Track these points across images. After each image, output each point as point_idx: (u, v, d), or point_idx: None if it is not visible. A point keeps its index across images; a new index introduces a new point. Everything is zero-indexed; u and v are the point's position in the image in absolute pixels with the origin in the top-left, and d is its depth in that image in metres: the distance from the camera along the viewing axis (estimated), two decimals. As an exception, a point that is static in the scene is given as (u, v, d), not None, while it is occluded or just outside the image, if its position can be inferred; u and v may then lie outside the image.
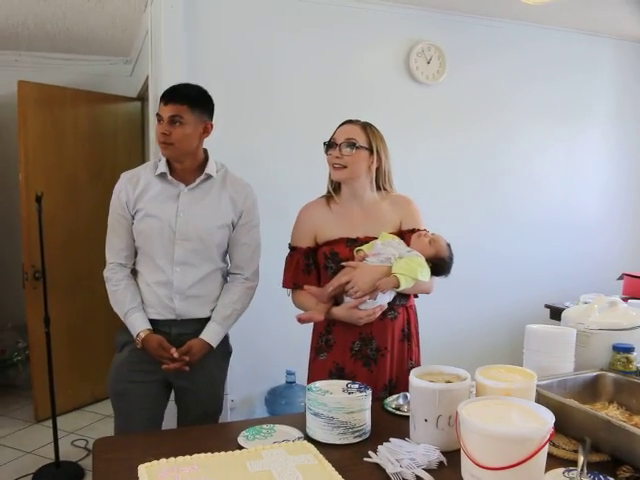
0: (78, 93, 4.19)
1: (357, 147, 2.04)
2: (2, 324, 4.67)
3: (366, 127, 2.10)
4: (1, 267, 4.59)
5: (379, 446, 1.47)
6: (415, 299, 2.22)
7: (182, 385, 2.19)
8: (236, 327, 2.20)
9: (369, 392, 1.60)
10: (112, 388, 2.20)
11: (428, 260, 2.00)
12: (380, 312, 1.98)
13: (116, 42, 4.41)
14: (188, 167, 2.14)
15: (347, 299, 1.98)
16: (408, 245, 2.03)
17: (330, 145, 2.08)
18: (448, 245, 2.07)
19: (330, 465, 1.33)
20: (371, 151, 2.07)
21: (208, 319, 2.17)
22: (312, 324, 2.15)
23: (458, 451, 1.31)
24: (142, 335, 2.09)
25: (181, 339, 2.12)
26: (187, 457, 1.38)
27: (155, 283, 2.13)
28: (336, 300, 2.03)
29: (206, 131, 2.13)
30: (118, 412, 2.21)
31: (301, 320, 2.00)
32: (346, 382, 1.69)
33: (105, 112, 4.34)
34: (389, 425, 1.66)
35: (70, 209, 4.04)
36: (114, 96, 4.38)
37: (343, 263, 2.01)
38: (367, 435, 1.57)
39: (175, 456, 1.37)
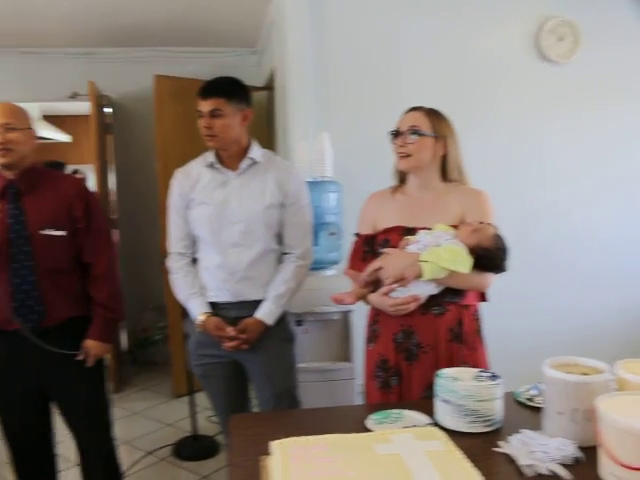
0: (208, 85, 4.35)
1: (421, 134, 1.95)
2: (145, 305, 5.01)
3: (431, 114, 2.00)
4: (143, 251, 4.92)
5: (510, 437, 1.43)
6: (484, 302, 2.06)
7: (250, 367, 2.30)
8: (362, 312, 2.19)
9: (501, 381, 1.56)
10: (194, 372, 2.38)
11: (471, 251, 1.84)
12: (415, 304, 1.86)
13: (242, 34, 4.56)
14: (234, 154, 2.24)
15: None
16: None
17: (395, 134, 2.01)
18: (498, 236, 1.90)
19: (460, 453, 1.31)
20: (436, 138, 1.98)
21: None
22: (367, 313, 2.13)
23: (595, 447, 1.25)
24: (201, 318, 2.21)
25: (239, 322, 2.20)
26: (317, 436, 1.40)
27: (212, 267, 2.24)
28: (376, 287, 1.94)
29: (245, 118, 2.23)
30: (206, 391, 2.39)
31: (334, 300, 1.97)
32: (477, 370, 1.65)
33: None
34: (520, 416, 1.61)
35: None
36: (241, 86, 4.50)
37: (382, 250, 1.94)
38: (498, 425, 1.53)
39: (305, 435, 1.41)
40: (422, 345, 1.93)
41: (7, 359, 2.20)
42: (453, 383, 1.54)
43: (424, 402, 1.70)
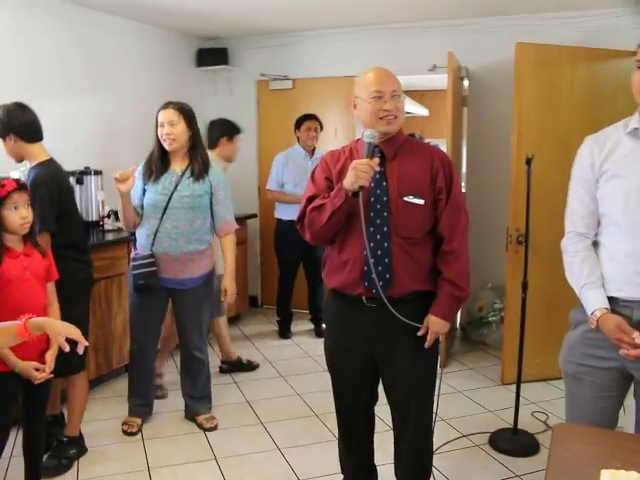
0: (575, 51, 3.94)
1: None
2: (483, 283, 4.87)
3: None
4: (486, 228, 4.77)
5: None
6: None
7: None
8: None
9: None
10: (563, 368, 2.05)
11: None
12: None
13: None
14: None
15: None
16: None
17: None
18: None
19: None
20: None
21: None
22: None
23: None
24: (597, 314, 1.87)
25: None
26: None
27: (620, 254, 1.88)
28: None
29: None
30: (569, 394, 2.06)
31: None
32: None
33: (605, 70, 3.97)
34: None
35: (559, 174, 3.82)
36: (616, 51, 3.93)
37: None
38: None
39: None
40: None
41: (345, 323, 2.26)
42: None
43: None
